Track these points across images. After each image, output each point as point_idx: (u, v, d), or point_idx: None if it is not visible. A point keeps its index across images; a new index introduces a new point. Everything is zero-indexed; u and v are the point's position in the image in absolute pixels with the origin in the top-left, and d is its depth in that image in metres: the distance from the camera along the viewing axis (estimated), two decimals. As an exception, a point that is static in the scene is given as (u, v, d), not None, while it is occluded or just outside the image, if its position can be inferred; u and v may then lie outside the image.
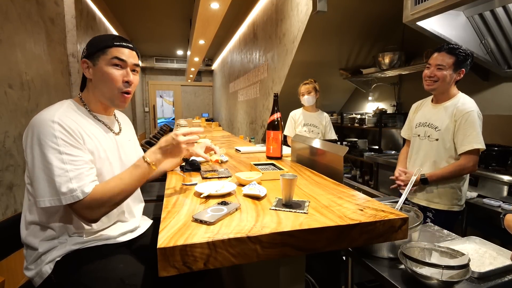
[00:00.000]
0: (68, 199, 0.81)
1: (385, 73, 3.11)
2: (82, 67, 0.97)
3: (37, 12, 2.36)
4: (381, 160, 2.77)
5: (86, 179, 0.85)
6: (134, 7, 5.33)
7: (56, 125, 0.84)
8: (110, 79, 0.94)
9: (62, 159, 0.82)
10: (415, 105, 1.77)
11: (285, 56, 3.65)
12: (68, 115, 0.89)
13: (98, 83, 0.96)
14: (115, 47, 0.95)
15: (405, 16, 1.75)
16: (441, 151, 1.54)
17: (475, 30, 2.02)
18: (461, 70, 1.48)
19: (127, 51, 0.97)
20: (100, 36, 0.99)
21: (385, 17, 2.96)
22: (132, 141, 1.16)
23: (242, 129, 6.40)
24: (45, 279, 0.89)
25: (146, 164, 0.91)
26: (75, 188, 0.82)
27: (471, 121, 1.44)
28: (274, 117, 1.55)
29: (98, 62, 0.94)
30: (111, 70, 0.94)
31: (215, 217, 0.72)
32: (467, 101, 1.50)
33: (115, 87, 0.95)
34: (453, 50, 1.46)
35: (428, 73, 1.52)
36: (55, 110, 0.88)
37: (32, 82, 2.23)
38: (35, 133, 0.83)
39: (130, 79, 0.97)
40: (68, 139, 0.85)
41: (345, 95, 4.20)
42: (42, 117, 0.85)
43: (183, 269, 0.62)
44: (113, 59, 0.94)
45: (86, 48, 0.97)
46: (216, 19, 4.11)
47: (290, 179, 0.82)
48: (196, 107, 11.44)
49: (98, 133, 0.97)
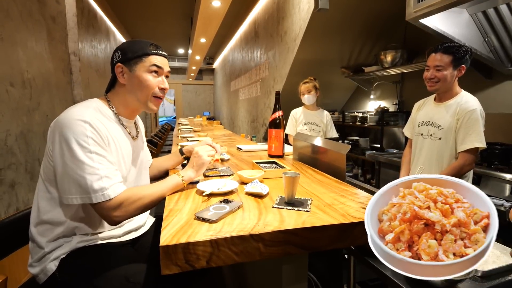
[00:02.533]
0: (99, 197, 0.81)
1: (387, 71, 3.10)
2: (116, 71, 0.96)
3: (38, 10, 2.36)
4: (383, 159, 2.76)
5: (116, 179, 0.86)
6: (135, 5, 5.32)
7: (88, 125, 0.84)
8: (147, 86, 0.97)
9: (92, 158, 0.83)
10: (418, 104, 1.76)
11: (286, 54, 3.64)
12: (97, 117, 0.90)
13: (134, 88, 0.97)
14: (153, 55, 0.97)
15: (408, 14, 1.74)
16: (444, 150, 1.54)
17: (478, 27, 2.00)
18: (461, 66, 1.47)
19: (162, 58, 1.00)
20: (135, 42, 0.99)
21: (387, 15, 2.94)
22: (144, 145, 1.18)
23: (243, 128, 6.40)
24: (50, 276, 0.89)
25: (179, 179, 0.97)
26: (107, 187, 0.82)
27: (473, 120, 1.44)
28: (276, 115, 1.55)
29: (136, 69, 0.95)
30: (149, 77, 0.97)
31: (217, 215, 0.72)
32: (470, 99, 1.50)
33: (151, 93, 0.98)
34: (449, 49, 1.46)
35: (428, 75, 1.52)
36: (85, 110, 0.88)
37: (34, 81, 2.23)
38: (64, 131, 0.82)
39: (166, 87, 1.02)
40: (98, 139, 0.85)
41: (346, 94, 4.19)
42: (72, 116, 0.85)
43: (185, 267, 0.61)
44: (151, 67, 0.96)
45: (119, 52, 0.96)
46: (217, 17, 4.10)
47: (292, 177, 0.82)
48: (197, 106, 11.44)
49: (120, 137, 0.98)
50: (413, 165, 1.70)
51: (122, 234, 1.01)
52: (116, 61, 0.96)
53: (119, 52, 0.96)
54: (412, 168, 1.70)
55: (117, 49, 0.98)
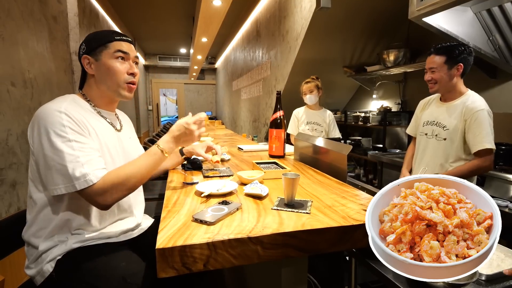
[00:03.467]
0: (82, 184, 0.81)
1: (389, 70, 3.07)
2: (83, 64, 0.96)
3: (39, 10, 2.36)
4: (385, 159, 2.73)
5: (98, 165, 0.85)
6: (137, 5, 5.32)
7: (63, 114, 0.84)
8: (115, 72, 0.96)
9: (72, 146, 0.83)
10: (423, 102, 1.74)
11: (288, 54, 3.62)
12: (74, 108, 0.90)
13: (102, 77, 0.97)
14: (116, 41, 0.97)
15: (411, 12, 1.72)
16: (449, 151, 1.51)
17: (483, 26, 1.97)
18: (458, 65, 1.45)
19: (127, 44, 1.00)
20: (97, 32, 0.99)
21: (389, 13, 2.91)
22: (133, 139, 1.16)
23: (245, 127, 6.39)
24: (47, 277, 0.89)
25: (159, 151, 0.92)
26: (88, 172, 0.82)
27: (480, 120, 1.41)
28: (277, 115, 1.54)
29: (101, 57, 0.95)
30: (115, 63, 0.96)
31: (215, 217, 0.71)
32: (477, 99, 1.47)
33: (121, 79, 0.97)
34: (441, 50, 1.47)
35: (426, 78, 1.54)
36: (61, 102, 0.89)
37: (35, 80, 2.23)
38: (41, 124, 0.83)
39: (135, 71, 1.00)
40: (76, 128, 0.85)
41: (349, 93, 4.16)
42: (48, 108, 0.86)
43: (182, 270, 0.60)
44: (116, 52, 0.96)
45: (84, 44, 0.96)
46: (218, 16, 4.09)
47: (292, 178, 0.80)
48: (199, 105, 11.44)
49: (102, 128, 0.97)
50: (416, 164, 1.68)
51: (119, 234, 1.00)
52: (82, 54, 0.96)
53: (84, 44, 0.97)
54: (415, 167, 1.68)
55: (82, 42, 0.98)
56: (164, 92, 11.74)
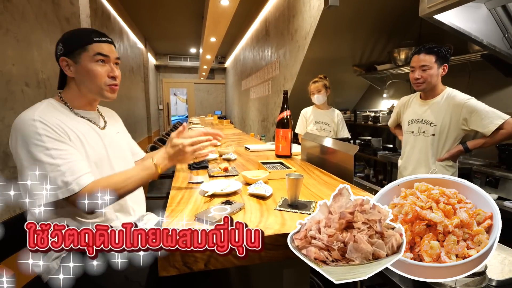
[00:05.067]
0: (65, 193, 0.81)
1: (400, 69, 3.01)
2: (61, 66, 0.93)
3: (52, 11, 2.42)
4: (395, 159, 2.68)
5: (80, 171, 0.84)
6: (148, 6, 5.39)
7: (38, 122, 0.82)
8: (95, 76, 0.93)
9: (51, 155, 0.81)
10: (404, 101, 1.81)
11: (297, 53, 3.59)
12: (50, 112, 0.88)
13: (83, 80, 0.94)
14: (95, 43, 0.93)
15: (421, 9, 1.67)
16: (438, 145, 1.59)
17: (498, 23, 1.91)
18: (444, 65, 1.55)
19: (107, 45, 0.96)
20: (74, 31, 0.95)
21: (400, 11, 2.86)
22: (121, 134, 1.14)
23: (254, 127, 6.39)
24: (52, 275, 0.91)
25: (153, 166, 0.92)
26: (70, 181, 0.81)
27: (475, 106, 1.47)
28: (284, 115, 1.53)
29: (80, 60, 0.92)
30: (95, 67, 0.93)
31: (217, 217, 0.71)
32: (458, 93, 1.56)
33: (102, 83, 0.95)
34: (431, 49, 1.54)
35: (415, 76, 1.59)
36: (34, 110, 0.87)
37: (48, 81, 2.29)
38: (18, 135, 0.82)
39: (116, 74, 0.97)
40: (52, 134, 0.84)
41: (359, 92, 4.10)
42: (22, 118, 0.84)
43: (183, 270, 0.61)
44: (96, 56, 0.92)
45: (62, 45, 0.92)
46: (226, 16, 4.10)
47: (295, 179, 0.80)
48: (209, 105, 11.52)
49: (82, 129, 0.95)
50: (403, 161, 1.76)
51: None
52: (59, 55, 0.92)
53: (61, 45, 0.92)
54: (404, 165, 1.74)
55: (58, 42, 0.94)
56: (175, 91, 11.87)
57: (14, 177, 1.82)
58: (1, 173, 1.71)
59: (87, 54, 0.92)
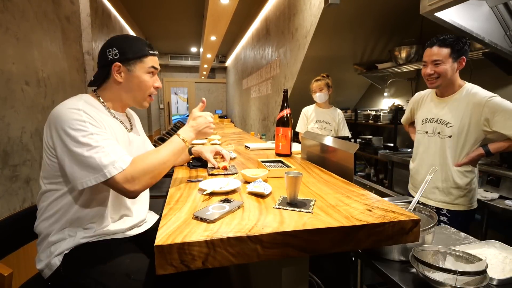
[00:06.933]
0: (112, 171, 0.82)
1: (401, 68, 3.00)
2: (112, 70, 0.96)
3: (53, 10, 2.42)
4: (396, 158, 2.67)
5: (122, 152, 0.87)
6: (149, 5, 5.39)
7: (82, 112, 0.86)
8: (145, 86, 1.00)
9: (95, 139, 0.84)
10: (418, 97, 1.66)
11: (297, 52, 3.58)
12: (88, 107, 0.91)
13: (131, 88, 0.99)
14: (150, 55, 1.00)
15: (422, 7, 1.66)
16: (455, 148, 1.44)
17: (499, 20, 1.89)
18: (461, 58, 1.40)
19: (156, 58, 1.03)
20: (132, 41, 0.99)
21: (401, 9, 2.84)
22: (142, 136, 1.18)
23: (254, 126, 6.39)
24: (54, 271, 0.91)
25: (180, 140, 0.97)
26: (116, 159, 0.83)
27: (499, 105, 1.33)
28: (284, 113, 1.52)
29: (135, 69, 0.97)
30: (147, 78, 1.00)
31: (216, 215, 0.71)
32: (479, 90, 1.40)
33: (147, 93, 1.02)
34: (445, 41, 1.39)
35: (428, 71, 1.43)
36: (77, 101, 0.90)
37: (48, 79, 2.29)
38: (60, 123, 0.84)
39: (160, 85, 1.05)
40: (94, 123, 0.87)
41: (359, 91, 4.09)
42: (65, 107, 0.87)
43: (181, 268, 0.60)
44: (150, 68, 1.00)
45: (117, 50, 0.95)
46: (226, 14, 4.10)
47: (294, 177, 0.79)
48: (209, 104, 11.51)
49: (115, 127, 0.99)
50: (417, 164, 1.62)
51: (124, 230, 1.01)
52: (113, 59, 0.95)
53: (116, 50, 0.95)
54: (417, 167, 1.63)
55: (111, 45, 0.96)
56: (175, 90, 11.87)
57: (14, 176, 1.82)
58: (1, 172, 1.72)
59: (143, 66, 0.98)
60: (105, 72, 0.97)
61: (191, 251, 0.60)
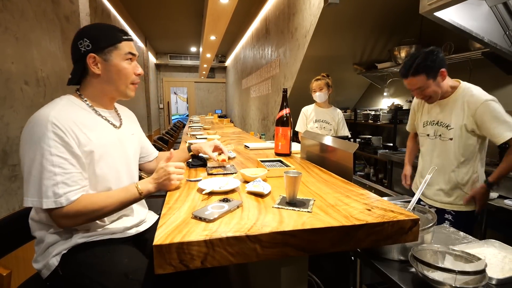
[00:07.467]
0: (50, 204, 0.79)
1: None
2: (88, 62, 0.90)
3: (52, 10, 2.41)
4: (396, 158, 2.68)
5: (74, 186, 0.83)
6: (148, 4, 5.38)
7: (50, 124, 0.81)
8: (125, 74, 0.95)
9: (52, 161, 0.80)
10: (417, 101, 1.68)
11: (297, 51, 3.58)
12: (66, 112, 0.87)
13: (111, 78, 0.94)
14: (124, 41, 0.95)
15: (422, 7, 1.66)
16: (457, 150, 1.44)
17: (499, 20, 1.89)
18: (440, 71, 1.38)
19: (132, 43, 0.98)
20: (102, 28, 0.94)
21: (401, 8, 2.84)
22: (136, 135, 1.14)
23: (254, 126, 6.39)
24: (52, 271, 0.90)
25: (136, 191, 0.91)
26: (61, 193, 0.80)
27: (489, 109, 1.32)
28: (283, 113, 1.52)
29: (111, 58, 0.92)
30: (126, 65, 0.95)
31: (215, 214, 0.71)
32: (474, 91, 1.39)
33: (129, 81, 0.97)
34: (417, 70, 1.37)
35: (417, 97, 1.50)
36: (51, 109, 0.85)
37: (48, 79, 2.29)
38: (30, 130, 0.82)
39: (141, 72, 1.00)
40: (61, 140, 0.82)
41: (359, 91, 4.09)
42: (40, 114, 0.84)
43: (179, 267, 0.60)
44: (127, 54, 0.95)
45: (88, 41, 0.90)
46: (226, 13, 4.09)
47: (293, 176, 0.79)
48: (209, 104, 11.51)
49: (99, 128, 0.95)
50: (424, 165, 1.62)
51: (123, 230, 1.01)
52: (86, 51, 0.90)
53: (88, 40, 0.90)
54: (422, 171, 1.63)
55: (82, 36, 0.90)
56: (175, 90, 11.87)
57: (13, 175, 1.82)
58: (0, 172, 1.71)
59: (119, 53, 0.93)
60: (81, 66, 0.92)
61: (190, 251, 0.60)
